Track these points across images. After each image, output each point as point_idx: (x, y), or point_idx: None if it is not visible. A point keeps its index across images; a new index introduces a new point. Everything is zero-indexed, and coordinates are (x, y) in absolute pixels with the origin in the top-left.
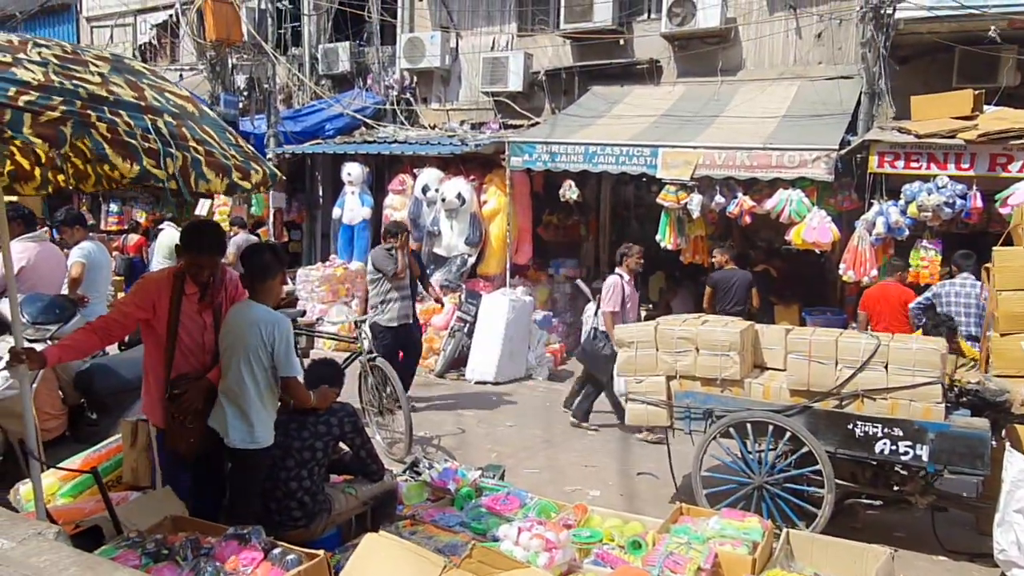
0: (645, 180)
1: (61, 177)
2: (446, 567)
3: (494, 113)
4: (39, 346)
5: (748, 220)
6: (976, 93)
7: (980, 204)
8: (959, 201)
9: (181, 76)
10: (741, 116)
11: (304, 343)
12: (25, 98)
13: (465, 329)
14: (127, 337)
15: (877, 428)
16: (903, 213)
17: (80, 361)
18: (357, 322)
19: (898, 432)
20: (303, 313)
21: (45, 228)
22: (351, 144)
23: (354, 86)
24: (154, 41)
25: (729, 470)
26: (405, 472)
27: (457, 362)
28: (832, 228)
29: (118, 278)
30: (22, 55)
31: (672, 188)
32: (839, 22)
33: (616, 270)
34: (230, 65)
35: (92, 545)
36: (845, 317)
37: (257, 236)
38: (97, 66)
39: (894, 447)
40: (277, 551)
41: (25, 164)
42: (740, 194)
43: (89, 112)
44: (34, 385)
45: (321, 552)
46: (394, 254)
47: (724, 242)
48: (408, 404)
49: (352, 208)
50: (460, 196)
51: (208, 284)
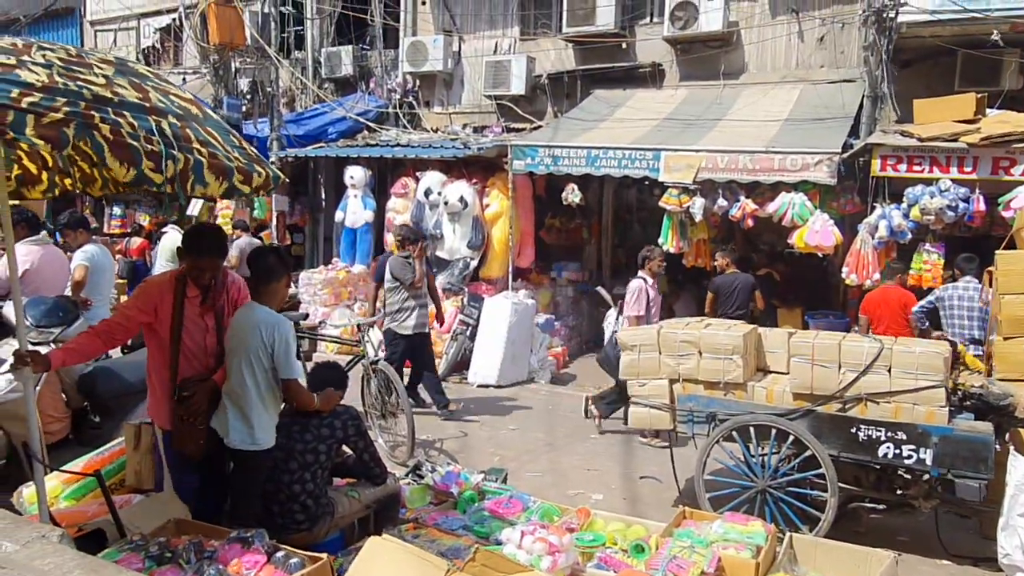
0: (647, 183)
1: (68, 181)
2: (449, 570)
3: (497, 116)
4: (43, 349)
5: (751, 223)
6: (978, 97)
7: (983, 207)
8: (962, 204)
9: (184, 80)
10: (743, 119)
11: (307, 346)
12: (28, 100)
13: (467, 332)
14: (130, 340)
15: (880, 432)
16: (906, 216)
17: (83, 364)
18: (360, 325)
19: (901, 436)
20: (306, 316)
21: (45, 232)
22: (354, 147)
23: (357, 89)
24: (157, 45)
25: (732, 474)
26: (408, 475)
27: (459, 365)
28: (835, 231)
29: (121, 281)
30: (26, 58)
31: (675, 191)
32: (841, 26)
33: (639, 273)
34: (233, 69)
35: (95, 548)
36: (848, 321)
37: (260, 239)
38: (101, 68)
39: (897, 451)
40: (280, 554)
41: (32, 168)
42: (743, 197)
43: (93, 113)
44: (38, 388)
45: (324, 555)
46: (412, 263)
47: (726, 245)
48: (410, 407)
49: (355, 211)
50: (463, 199)
51: (210, 287)
